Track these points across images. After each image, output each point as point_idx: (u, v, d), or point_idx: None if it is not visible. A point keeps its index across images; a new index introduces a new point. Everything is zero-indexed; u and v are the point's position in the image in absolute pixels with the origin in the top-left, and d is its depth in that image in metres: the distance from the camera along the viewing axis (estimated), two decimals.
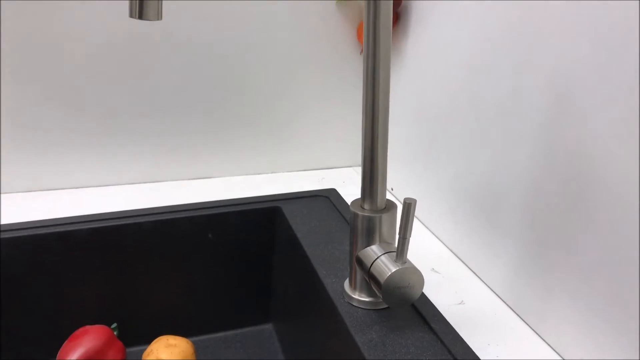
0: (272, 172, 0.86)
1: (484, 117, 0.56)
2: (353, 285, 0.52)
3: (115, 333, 0.66)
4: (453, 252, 0.65)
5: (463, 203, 0.62)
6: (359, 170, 0.90)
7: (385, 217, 0.48)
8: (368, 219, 0.48)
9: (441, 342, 0.47)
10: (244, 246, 0.72)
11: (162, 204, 0.72)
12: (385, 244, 0.49)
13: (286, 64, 0.80)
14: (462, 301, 0.56)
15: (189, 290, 0.72)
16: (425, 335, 0.48)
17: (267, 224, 0.73)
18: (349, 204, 0.73)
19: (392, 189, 0.81)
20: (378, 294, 0.46)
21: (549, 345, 0.50)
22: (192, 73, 0.76)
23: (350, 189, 0.81)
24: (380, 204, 0.49)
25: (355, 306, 0.52)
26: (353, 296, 0.52)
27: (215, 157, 0.82)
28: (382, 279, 0.45)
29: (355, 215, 0.49)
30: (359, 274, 0.51)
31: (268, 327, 0.77)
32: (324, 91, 0.83)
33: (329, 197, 0.75)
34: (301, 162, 0.87)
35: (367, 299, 0.51)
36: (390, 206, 0.50)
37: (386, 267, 0.46)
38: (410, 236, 0.44)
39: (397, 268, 0.45)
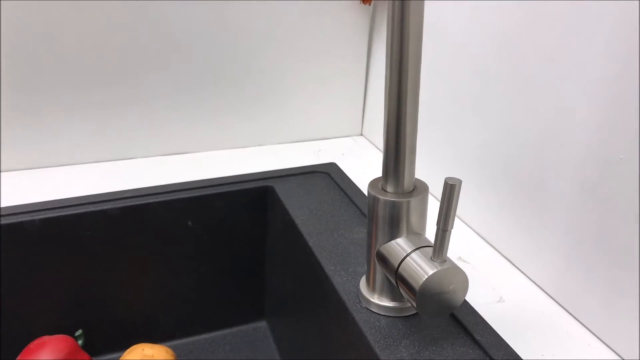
0: (259, 145, 0.75)
1: (528, 67, 0.45)
2: (371, 287, 0.42)
3: (79, 343, 0.57)
4: (483, 237, 0.55)
5: (497, 177, 0.51)
6: (359, 140, 0.78)
7: (414, 202, 0.38)
8: (392, 204, 0.37)
9: (490, 359, 0.37)
10: (231, 234, 0.62)
11: (132, 186, 0.61)
12: (414, 236, 0.38)
13: (274, 17, 0.67)
14: (502, 298, 0.46)
15: (167, 288, 0.62)
16: (469, 351, 0.38)
17: (257, 207, 0.62)
18: (366, 185, 0.63)
19: None
20: (410, 302, 0.36)
21: (617, 354, 0.40)
22: (166, 30, 0.63)
23: (351, 162, 0.70)
24: (407, 185, 0.38)
25: (375, 312, 0.41)
26: (371, 300, 0.41)
27: (193, 128, 0.70)
28: (416, 284, 0.35)
29: (376, 199, 0.38)
30: (379, 273, 0.40)
31: (262, 325, 0.66)
32: (319, 49, 0.71)
33: (329, 173, 0.64)
34: (293, 133, 0.76)
35: (390, 304, 0.41)
36: (420, 188, 0.39)
37: (420, 268, 0.35)
38: (452, 228, 0.34)
39: (436, 270, 0.34)
